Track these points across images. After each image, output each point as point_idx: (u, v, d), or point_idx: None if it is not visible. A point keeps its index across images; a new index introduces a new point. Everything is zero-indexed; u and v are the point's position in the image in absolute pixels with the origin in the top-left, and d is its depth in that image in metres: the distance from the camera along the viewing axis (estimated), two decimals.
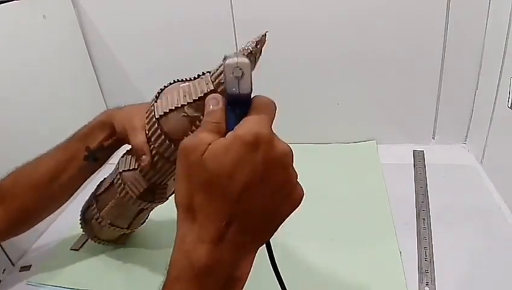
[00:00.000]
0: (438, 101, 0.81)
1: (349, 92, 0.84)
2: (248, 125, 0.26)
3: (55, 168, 0.55)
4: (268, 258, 0.33)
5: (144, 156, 0.48)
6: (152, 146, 0.47)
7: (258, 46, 0.35)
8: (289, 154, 0.27)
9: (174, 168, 0.49)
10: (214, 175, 0.26)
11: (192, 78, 0.44)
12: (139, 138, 0.49)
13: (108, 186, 0.56)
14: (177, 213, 0.28)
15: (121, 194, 0.53)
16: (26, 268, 0.64)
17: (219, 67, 0.40)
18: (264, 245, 0.31)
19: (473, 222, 0.62)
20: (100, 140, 0.54)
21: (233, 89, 0.27)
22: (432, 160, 0.80)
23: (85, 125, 0.56)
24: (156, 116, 0.44)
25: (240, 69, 0.26)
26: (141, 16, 0.86)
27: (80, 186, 0.59)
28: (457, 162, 0.79)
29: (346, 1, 0.76)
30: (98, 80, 0.95)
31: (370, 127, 0.88)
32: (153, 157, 0.48)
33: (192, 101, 0.41)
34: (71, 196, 0.59)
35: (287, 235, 0.63)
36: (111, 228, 0.57)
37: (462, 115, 0.81)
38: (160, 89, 0.46)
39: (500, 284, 0.51)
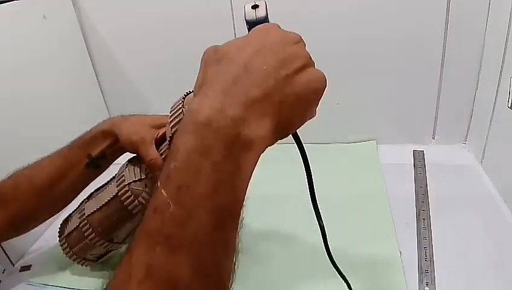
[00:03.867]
0: (438, 101, 0.81)
1: (349, 92, 0.83)
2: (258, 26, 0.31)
3: (56, 175, 0.55)
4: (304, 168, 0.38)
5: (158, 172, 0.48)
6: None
7: None
8: (300, 37, 0.30)
9: None
10: (224, 52, 0.29)
11: None
12: (152, 152, 0.49)
13: (110, 199, 0.53)
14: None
15: (130, 207, 0.51)
16: (26, 268, 0.64)
17: None
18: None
19: (473, 222, 0.62)
20: (102, 148, 0.54)
21: (252, 17, 0.33)
22: (432, 160, 0.80)
23: (87, 132, 0.55)
24: None
25: (256, 4, 0.34)
26: (141, 16, 0.86)
27: (80, 192, 0.59)
28: (457, 162, 0.79)
29: (346, 1, 0.76)
30: (98, 80, 0.95)
31: (370, 127, 0.88)
32: None
33: None
34: (71, 201, 0.60)
35: (286, 235, 0.63)
36: (95, 238, 0.54)
37: (462, 115, 0.81)
38: (184, 96, 0.46)
39: (500, 284, 0.51)
